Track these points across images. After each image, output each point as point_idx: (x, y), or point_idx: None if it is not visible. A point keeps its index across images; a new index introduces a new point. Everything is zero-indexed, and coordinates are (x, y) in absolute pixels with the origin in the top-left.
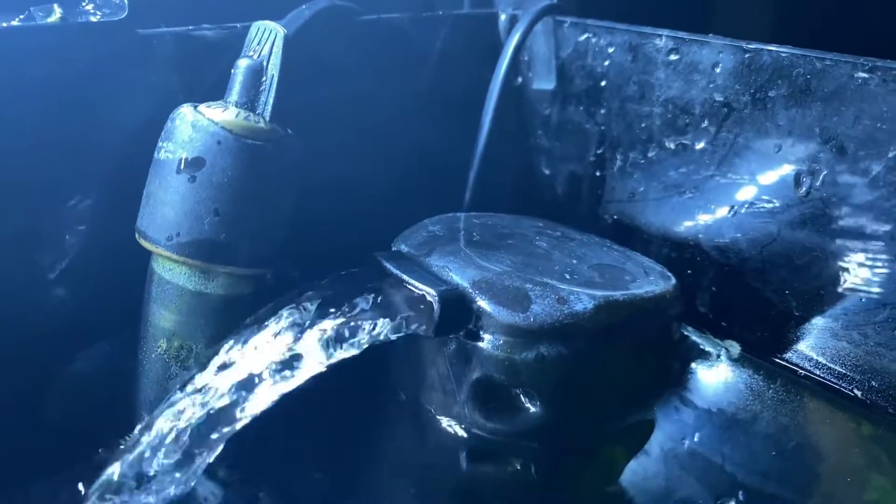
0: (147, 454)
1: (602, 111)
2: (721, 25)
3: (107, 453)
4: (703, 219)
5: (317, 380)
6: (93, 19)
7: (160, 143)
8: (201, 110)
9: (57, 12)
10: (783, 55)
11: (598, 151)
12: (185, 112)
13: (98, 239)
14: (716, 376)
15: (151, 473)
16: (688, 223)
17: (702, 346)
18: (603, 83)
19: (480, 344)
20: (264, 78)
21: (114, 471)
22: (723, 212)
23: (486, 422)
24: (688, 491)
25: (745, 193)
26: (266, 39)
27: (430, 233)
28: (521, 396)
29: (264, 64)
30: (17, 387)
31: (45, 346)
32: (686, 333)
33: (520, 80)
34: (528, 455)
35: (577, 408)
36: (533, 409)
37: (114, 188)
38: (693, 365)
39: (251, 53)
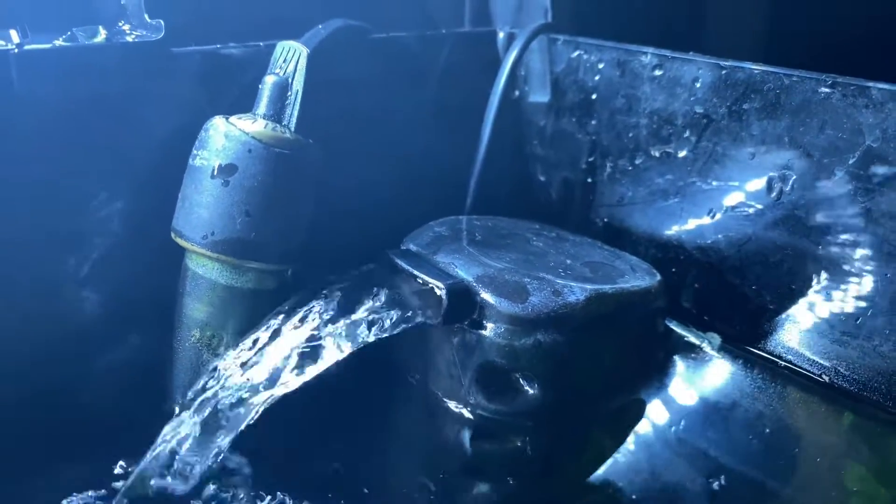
0: (183, 434)
1: (593, 122)
2: (705, 43)
3: (146, 435)
4: (686, 221)
5: (337, 366)
6: (129, 39)
7: (195, 151)
8: (233, 122)
9: (102, 33)
10: (755, 72)
11: (590, 159)
12: (218, 123)
13: (131, 238)
14: (699, 366)
15: (187, 451)
16: (672, 225)
17: (686, 339)
18: (593, 96)
19: (483, 332)
20: (289, 93)
21: (158, 450)
22: (703, 214)
23: (489, 403)
24: (674, 472)
25: (724, 197)
26: (291, 58)
27: (436, 233)
28: (521, 380)
29: (289, 80)
30: (54, 377)
31: (80, 337)
32: (671, 327)
33: (517, 93)
34: (527, 433)
35: (571, 390)
36: (531, 391)
37: (145, 192)
38: (678, 355)
39: (277, 70)
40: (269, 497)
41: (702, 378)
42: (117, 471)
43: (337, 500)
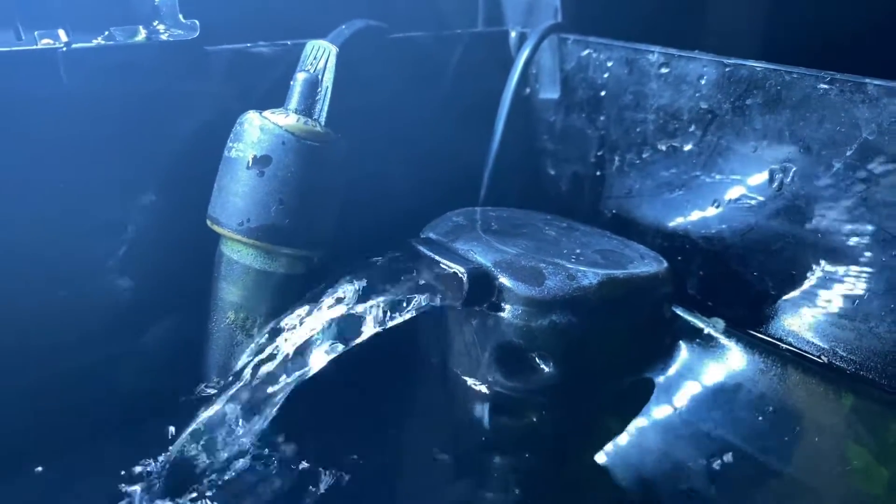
0: (223, 411)
1: (601, 118)
2: (707, 40)
3: (184, 410)
4: (691, 212)
5: (363, 345)
6: (163, 38)
7: (230, 144)
8: (267, 116)
9: (142, 33)
10: (758, 69)
11: (598, 153)
12: (253, 117)
13: (166, 226)
14: (704, 349)
15: (227, 426)
16: (678, 216)
17: (691, 323)
18: (602, 93)
19: (502, 314)
20: (319, 89)
21: (196, 426)
22: (708, 205)
23: (506, 381)
24: (679, 449)
25: (727, 189)
26: (321, 56)
27: (454, 223)
28: (537, 359)
29: (319, 77)
30: (95, 356)
31: (117, 319)
32: (677, 312)
33: (528, 90)
34: (542, 409)
35: (583, 368)
36: (546, 370)
37: (180, 182)
38: (684, 339)
39: (308, 68)
40: (293, 468)
41: (706, 361)
42: (154, 446)
43: (360, 471)
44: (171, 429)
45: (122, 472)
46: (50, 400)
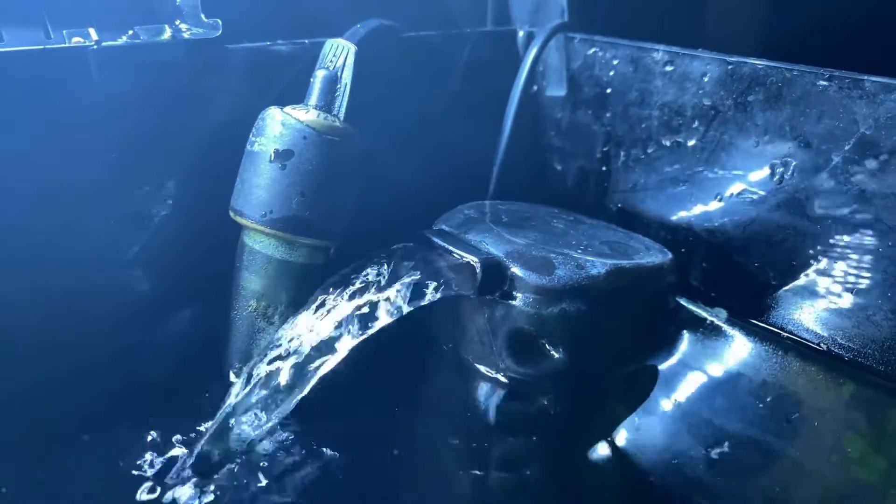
0: (248, 397)
1: (607, 114)
2: (708, 38)
3: (208, 395)
4: (695, 205)
5: (380, 334)
6: (185, 36)
7: (252, 138)
8: (288, 111)
9: (167, 31)
10: (759, 66)
11: (604, 149)
12: (275, 113)
13: (189, 217)
14: (707, 338)
15: (253, 412)
16: (681, 209)
17: (694, 313)
18: (608, 90)
19: (513, 302)
20: (339, 85)
21: (225, 412)
22: (711, 199)
23: (518, 366)
24: (682, 437)
25: (730, 183)
26: (340, 54)
27: (466, 215)
28: (547, 345)
29: (339, 74)
30: (118, 344)
31: (143, 309)
32: (681, 303)
33: (536, 87)
34: (552, 394)
35: (592, 354)
36: (556, 356)
37: (201, 175)
38: (687, 328)
39: (328, 65)
40: (313, 451)
41: (709, 349)
42: (180, 429)
43: (376, 455)
44: (197, 412)
45: (151, 453)
46: (79, 385)
